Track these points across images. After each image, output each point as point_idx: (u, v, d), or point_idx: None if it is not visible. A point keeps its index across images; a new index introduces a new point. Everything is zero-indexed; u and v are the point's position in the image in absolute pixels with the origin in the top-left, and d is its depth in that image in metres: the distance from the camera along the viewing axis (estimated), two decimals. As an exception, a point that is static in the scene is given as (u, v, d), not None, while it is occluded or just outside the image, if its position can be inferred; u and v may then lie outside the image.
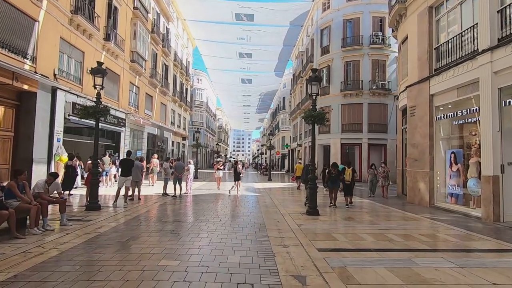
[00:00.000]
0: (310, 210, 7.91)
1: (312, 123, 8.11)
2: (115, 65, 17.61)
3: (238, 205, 9.77)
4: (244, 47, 29.20)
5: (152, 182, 15.84)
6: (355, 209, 9.33)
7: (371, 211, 8.97)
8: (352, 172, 10.12)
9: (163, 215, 7.46)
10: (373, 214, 8.53)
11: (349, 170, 10.16)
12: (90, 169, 8.73)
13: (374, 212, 8.80)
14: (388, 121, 23.76)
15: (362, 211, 8.96)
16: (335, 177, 9.82)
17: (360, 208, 9.71)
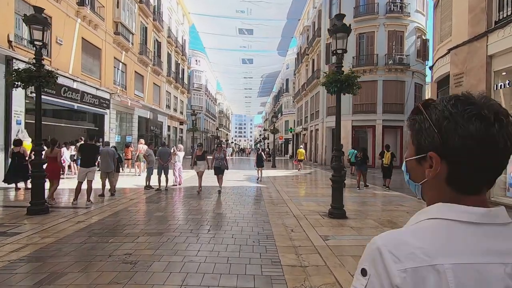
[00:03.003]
0: (334, 211, 5.76)
1: (337, 92, 5.83)
2: (94, 37, 15.18)
3: (236, 202, 7.63)
4: (244, 22, 26.44)
5: (139, 171, 13.77)
6: (391, 207, 7.17)
7: (411, 210, 6.80)
8: (391, 156, 10.12)
9: (130, 222, 5.35)
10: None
11: (388, 154, 10.22)
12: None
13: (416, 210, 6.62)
14: (406, 100, 21.32)
15: (400, 210, 6.79)
16: (362, 161, 10.32)
17: (395, 203, 7.55)
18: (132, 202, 7.23)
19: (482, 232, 0.54)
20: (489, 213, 0.56)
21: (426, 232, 0.56)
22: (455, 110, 0.56)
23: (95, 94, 14.88)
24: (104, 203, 7.04)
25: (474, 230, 0.54)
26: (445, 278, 0.50)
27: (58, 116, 14.39)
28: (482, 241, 0.54)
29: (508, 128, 0.54)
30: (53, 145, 6.93)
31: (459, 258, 0.52)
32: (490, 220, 0.55)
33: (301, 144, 33.97)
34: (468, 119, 0.55)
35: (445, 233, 0.55)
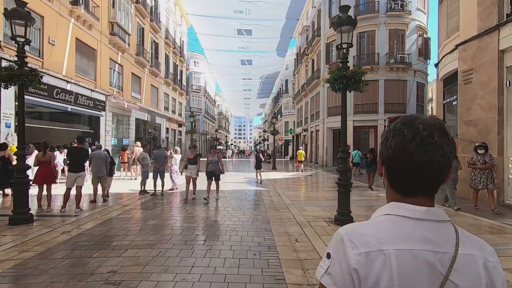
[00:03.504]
0: (341, 218, 5.33)
1: (343, 89, 5.43)
2: (88, 37, 14.78)
3: (235, 207, 7.21)
4: (243, 22, 26.13)
5: (135, 174, 13.34)
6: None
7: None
8: None
9: (120, 232, 4.92)
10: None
11: None
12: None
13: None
14: (408, 99, 20.94)
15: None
16: (371, 162, 10.29)
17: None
18: (125, 208, 6.80)
19: (422, 226, 0.66)
20: (429, 211, 0.68)
21: (379, 225, 0.69)
22: (393, 127, 0.71)
23: (90, 96, 14.48)
24: (95, 210, 6.61)
25: (415, 224, 0.66)
26: (389, 260, 0.63)
27: (51, 119, 13.96)
28: (421, 233, 0.65)
29: (428, 146, 0.65)
30: (45, 148, 6.51)
31: (401, 245, 0.64)
32: (429, 217, 0.67)
33: (301, 146, 33.62)
34: (394, 136, 0.69)
35: (393, 225, 0.67)
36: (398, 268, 0.61)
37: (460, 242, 0.65)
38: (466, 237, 0.68)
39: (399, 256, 0.62)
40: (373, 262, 0.62)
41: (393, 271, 0.61)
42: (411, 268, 0.62)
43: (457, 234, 0.67)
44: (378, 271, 0.62)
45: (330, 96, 23.79)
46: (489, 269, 0.64)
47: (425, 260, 0.62)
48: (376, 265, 0.62)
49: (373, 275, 0.62)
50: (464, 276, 0.63)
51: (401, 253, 0.63)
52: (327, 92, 24.04)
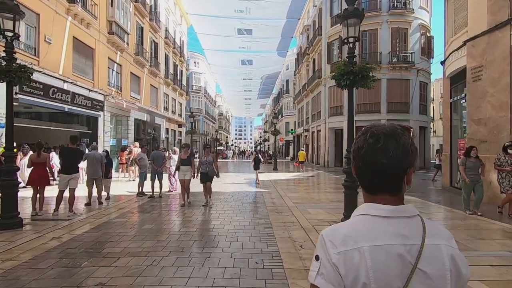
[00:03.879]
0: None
1: (350, 86, 5.13)
2: (86, 36, 14.52)
3: (236, 210, 6.91)
4: (243, 21, 25.87)
5: (133, 176, 13.05)
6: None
7: (434, 218, 6.08)
8: None
9: (113, 237, 4.62)
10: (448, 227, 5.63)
11: None
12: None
13: (445, 222, 5.90)
14: (411, 98, 20.64)
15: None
16: None
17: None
18: (121, 212, 6.51)
19: (392, 223, 0.73)
20: (398, 209, 0.74)
21: (355, 225, 0.76)
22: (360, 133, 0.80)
23: (87, 96, 14.20)
24: (89, 213, 6.32)
25: (386, 222, 0.73)
26: (364, 256, 0.69)
27: (48, 119, 13.71)
28: (391, 229, 0.72)
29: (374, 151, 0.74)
30: (39, 149, 6.23)
31: (374, 242, 0.70)
32: (398, 214, 0.74)
33: (302, 146, 33.34)
34: (354, 144, 0.80)
35: (366, 224, 0.74)
36: (372, 263, 0.69)
37: (426, 234, 0.72)
38: (433, 228, 0.74)
39: (373, 252, 0.70)
40: (351, 259, 0.70)
41: (368, 266, 0.69)
42: (384, 261, 0.69)
43: (424, 226, 0.74)
44: (356, 267, 0.69)
45: (332, 96, 23.51)
46: (454, 257, 0.72)
47: (395, 253, 0.70)
48: (354, 261, 0.69)
49: (352, 271, 0.69)
50: (431, 264, 0.70)
51: (374, 249, 0.70)
52: (329, 91, 23.75)
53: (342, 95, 22.38)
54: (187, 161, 7.43)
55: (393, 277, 0.68)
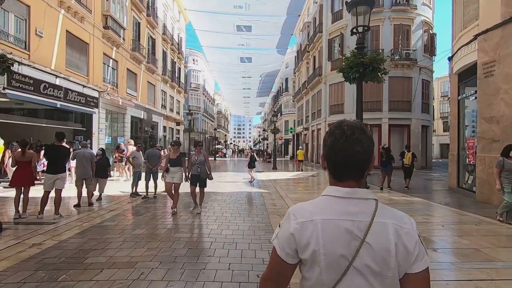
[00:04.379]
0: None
1: (359, 79, 4.72)
2: (80, 30, 14.03)
3: (234, 212, 6.51)
4: (243, 18, 25.43)
5: (129, 174, 12.62)
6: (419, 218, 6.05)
7: (445, 221, 5.68)
8: (412, 156, 10.01)
9: (99, 244, 4.21)
10: (462, 232, 5.24)
11: (409, 154, 10.11)
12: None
13: (459, 226, 5.51)
14: (413, 97, 20.26)
15: (432, 222, 5.66)
16: (386, 161, 9.99)
17: (422, 213, 6.42)
18: (111, 214, 6.08)
19: (347, 203, 0.86)
20: (351, 191, 0.87)
21: (316, 203, 0.91)
22: (330, 129, 0.93)
23: (81, 92, 13.73)
24: (77, 216, 5.90)
25: (340, 201, 0.87)
26: (317, 227, 0.84)
27: (41, 116, 13.25)
28: (343, 207, 0.85)
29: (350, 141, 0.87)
30: (23, 146, 5.79)
31: (327, 216, 0.85)
32: (351, 195, 0.87)
33: (301, 145, 32.99)
34: (329, 136, 0.92)
35: (324, 202, 0.89)
36: (322, 232, 0.83)
37: (377, 214, 0.84)
38: (385, 210, 0.87)
39: (324, 224, 0.84)
40: (306, 228, 0.85)
41: (318, 234, 0.83)
42: (333, 233, 0.83)
43: (376, 208, 0.86)
44: (309, 235, 0.84)
45: (332, 94, 23.11)
46: (400, 234, 0.82)
47: (344, 227, 0.83)
48: (308, 230, 0.84)
49: (305, 238, 0.84)
50: (377, 238, 0.81)
51: (325, 222, 0.84)
52: (329, 89, 23.35)
53: (343, 93, 21.99)
54: (177, 161, 6.46)
55: (340, 247, 0.82)
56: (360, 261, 0.81)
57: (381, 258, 0.80)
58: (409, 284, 0.82)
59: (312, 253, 0.83)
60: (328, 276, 0.82)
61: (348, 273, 0.81)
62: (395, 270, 0.81)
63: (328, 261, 0.82)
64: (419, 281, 0.82)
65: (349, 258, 0.81)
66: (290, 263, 0.87)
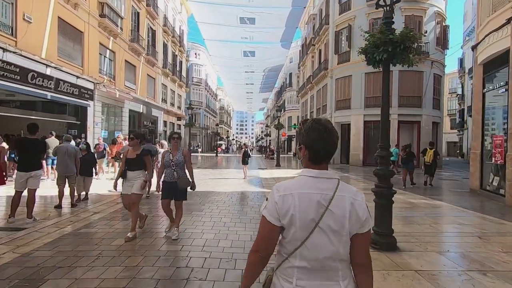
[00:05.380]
0: (380, 240, 3.83)
1: (386, 62, 3.91)
2: (74, 17, 13.24)
3: (234, 217, 5.73)
4: (246, 9, 24.52)
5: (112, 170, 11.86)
6: (449, 227, 5.26)
7: (481, 232, 4.87)
8: (434, 154, 9.82)
9: (67, 259, 3.46)
10: (502, 245, 4.42)
11: (431, 152, 9.90)
12: None
13: (496, 237, 4.69)
14: (424, 92, 19.30)
15: (467, 232, 4.85)
16: (406, 159, 10.05)
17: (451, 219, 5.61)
18: (92, 218, 5.32)
19: (316, 181, 1.16)
20: (321, 173, 1.17)
21: (294, 181, 1.19)
22: (311, 126, 1.20)
23: (74, 83, 12.97)
24: (55, 219, 5.15)
25: (312, 180, 1.16)
26: (294, 198, 1.12)
27: (32, 108, 12.50)
28: (314, 184, 1.15)
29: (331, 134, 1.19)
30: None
31: (302, 190, 1.14)
32: (321, 175, 1.17)
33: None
34: (313, 131, 1.18)
35: (301, 181, 1.18)
36: (298, 202, 1.12)
37: (338, 189, 1.14)
38: (344, 186, 1.17)
39: (299, 196, 1.13)
40: (286, 199, 1.13)
41: (296, 203, 1.12)
42: (306, 202, 1.12)
43: (338, 184, 1.16)
44: (288, 204, 1.12)
45: (339, 88, 22.18)
46: (354, 204, 1.13)
47: (314, 198, 1.12)
48: (288, 201, 1.12)
49: (286, 206, 1.13)
50: (337, 207, 1.11)
51: (301, 194, 1.13)
52: (336, 84, 22.43)
53: (350, 87, 21.07)
54: (137, 161, 4.39)
55: (310, 212, 1.11)
56: (323, 223, 1.10)
57: (339, 221, 1.11)
58: (357, 240, 1.14)
59: (290, 217, 1.12)
60: (301, 233, 1.11)
61: (315, 231, 1.11)
62: (348, 230, 1.12)
63: (302, 223, 1.11)
64: (364, 238, 1.15)
65: (316, 220, 1.11)
66: (276, 225, 1.14)
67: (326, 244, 1.09)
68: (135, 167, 4.38)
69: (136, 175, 4.36)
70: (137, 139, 4.46)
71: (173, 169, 4.29)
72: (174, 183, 4.25)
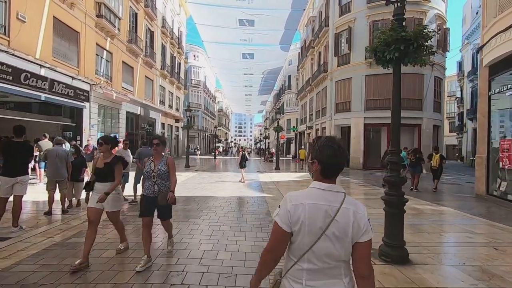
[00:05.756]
0: (391, 252, 3.56)
1: (397, 61, 3.66)
2: (70, 17, 12.97)
3: (234, 225, 5.45)
4: (245, 11, 24.38)
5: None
6: (462, 237, 4.99)
7: (497, 243, 4.61)
8: (440, 158, 9.93)
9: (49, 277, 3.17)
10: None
11: (437, 156, 10.00)
12: None
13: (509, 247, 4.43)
14: (425, 95, 19.12)
15: (480, 242, 4.59)
16: (414, 163, 10.17)
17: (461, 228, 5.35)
18: (83, 226, 5.00)
19: (325, 193, 1.30)
20: (330, 186, 1.31)
21: (305, 192, 1.33)
22: (325, 143, 1.34)
23: (70, 84, 12.68)
24: (43, 227, 4.84)
25: (321, 192, 1.30)
26: (305, 207, 1.26)
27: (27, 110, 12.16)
28: (322, 196, 1.29)
29: (343, 152, 1.32)
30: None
31: (311, 201, 1.27)
32: (329, 189, 1.31)
33: (303, 145, 31.98)
34: (327, 148, 1.32)
35: (311, 192, 1.32)
36: (308, 211, 1.26)
37: (344, 202, 1.28)
38: (349, 200, 1.31)
39: (309, 206, 1.27)
40: (297, 208, 1.27)
41: (306, 213, 1.26)
42: (315, 211, 1.26)
43: (344, 198, 1.30)
44: (299, 212, 1.26)
45: (339, 91, 21.98)
46: (356, 216, 1.27)
47: (322, 209, 1.26)
48: (299, 209, 1.26)
49: (297, 214, 1.26)
50: (342, 218, 1.26)
51: (310, 204, 1.27)
52: (335, 86, 22.22)
53: (350, 90, 20.86)
54: (106, 172, 3.59)
55: (318, 221, 1.25)
56: (329, 231, 1.24)
57: (343, 230, 1.25)
58: (358, 248, 1.27)
59: (300, 224, 1.26)
60: (309, 239, 1.25)
61: (321, 238, 1.25)
62: (350, 238, 1.26)
63: (310, 229, 1.25)
64: (364, 247, 1.27)
65: (323, 228, 1.25)
66: (287, 231, 1.27)
67: (331, 249, 1.25)
68: (103, 177, 3.58)
69: (102, 188, 3.54)
70: (106, 145, 3.66)
71: (153, 181, 3.55)
72: (155, 198, 3.53)
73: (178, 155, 32.49)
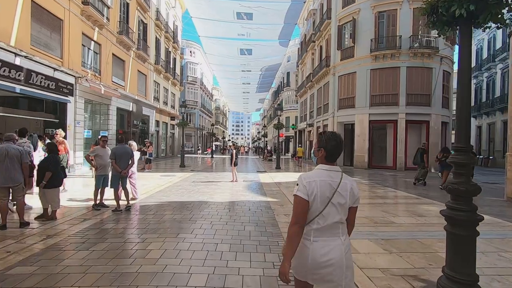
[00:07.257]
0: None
1: (465, 23, 2.55)
2: (51, 3, 11.79)
3: (233, 239, 4.37)
4: (243, 4, 23.28)
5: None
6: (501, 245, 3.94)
7: None
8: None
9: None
10: None
11: None
12: None
13: None
14: (433, 90, 18.12)
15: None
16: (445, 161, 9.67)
17: (507, 241, 4.31)
18: (43, 244, 3.90)
19: (329, 172, 1.75)
20: (332, 167, 1.77)
21: (314, 172, 1.78)
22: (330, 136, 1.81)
23: (51, 76, 11.48)
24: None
25: (326, 172, 1.75)
26: (316, 183, 1.70)
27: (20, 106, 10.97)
28: (327, 174, 1.74)
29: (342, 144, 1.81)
30: None
31: (321, 178, 1.72)
32: (332, 169, 1.76)
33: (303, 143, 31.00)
34: (332, 140, 1.79)
35: (318, 172, 1.76)
36: (319, 185, 1.68)
37: (342, 178, 1.73)
38: (346, 177, 1.75)
39: (320, 181, 1.68)
40: (311, 184, 1.68)
41: (317, 186, 1.67)
42: (324, 185, 1.68)
43: (342, 175, 1.74)
44: (313, 186, 1.67)
45: (342, 86, 20.92)
46: (352, 188, 1.74)
47: (328, 183, 1.69)
48: (312, 185, 1.67)
49: (311, 188, 1.67)
50: (342, 189, 1.70)
51: (320, 180, 1.69)
52: (338, 81, 21.16)
53: (354, 84, 19.81)
54: None
55: (327, 192, 1.67)
56: (334, 199, 1.68)
57: (343, 198, 1.70)
58: (351, 211, 1.77)
59: (314, 195, 1.66)
60: (320, 205, 1.67)
61: (329, 204, 1.67)
62: (348, 204, 1.72)
63: (321, 199, 1.67)
64: (355, 210, 1.79)
65: (330, 197, 1.68)
66: (307, 200, 1.66)
67: (334, 213, 1.69)
68: None
69: None
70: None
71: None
72: None
73: (173, 154, 31.31)
